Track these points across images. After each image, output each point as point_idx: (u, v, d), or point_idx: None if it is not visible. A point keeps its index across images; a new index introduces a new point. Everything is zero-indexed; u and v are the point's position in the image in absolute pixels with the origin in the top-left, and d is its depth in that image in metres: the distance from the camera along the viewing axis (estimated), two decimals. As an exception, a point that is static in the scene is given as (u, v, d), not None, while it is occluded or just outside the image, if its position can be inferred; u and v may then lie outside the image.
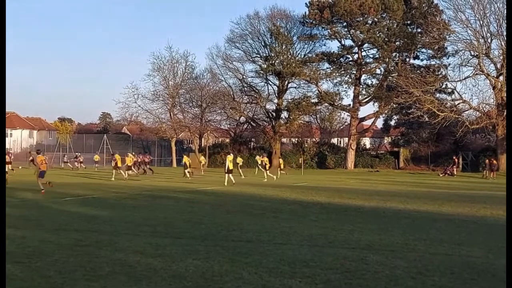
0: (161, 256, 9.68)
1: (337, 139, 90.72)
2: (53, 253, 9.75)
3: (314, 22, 67.52)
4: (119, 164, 41.61)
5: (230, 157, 35.50)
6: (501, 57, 56.91)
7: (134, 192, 26.22)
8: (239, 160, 51.96)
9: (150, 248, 10.42)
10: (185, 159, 46.14)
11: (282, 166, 47.85)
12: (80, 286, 7.42)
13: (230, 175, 33.73)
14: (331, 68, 70.58)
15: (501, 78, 57.79)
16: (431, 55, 66.17)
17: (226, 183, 32.65)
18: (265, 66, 71.68)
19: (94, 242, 11.06)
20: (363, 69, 69.22)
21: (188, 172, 43.63)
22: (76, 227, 13.41)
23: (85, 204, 20.03)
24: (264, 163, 44.36)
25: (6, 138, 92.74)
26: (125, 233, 12.53)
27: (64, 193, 24.93)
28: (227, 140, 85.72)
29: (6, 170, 38.28)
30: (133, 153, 49.89)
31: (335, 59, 69.73)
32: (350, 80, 69.63)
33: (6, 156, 44.96)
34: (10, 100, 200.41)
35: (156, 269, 8.56)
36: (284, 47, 71.04)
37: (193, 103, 79.20)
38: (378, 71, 69.89)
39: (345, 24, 67.22)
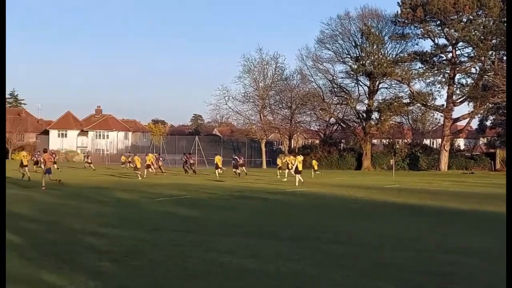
0: (253, 256, 9.74)
1: (430, 140, 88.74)
2: (148, 253, 9.97)
3: (406, 21, 66.30)
4: (138, 165, 43.10)
5: (299, 158, 35.74)
6: None
7: (225, 193, 26.50)
8: (314, 163, 52.33)
9: (242, 249, 10.51)
10: (217, 159, 46.62)
11: (315, 167, 46.74)
12: (175, 285, 7.56)
13: (299, 175, 33.90)
14: (424, 68, 69.07)
15: None
16: (529, 53, 63.75)
17: (296, 184, 32.84)
18: (356, 66, 71.05)
19: (187, 242, 11.25)
20: (458, 68, 67.35)
21: (219, 172, 44.17)
22: (170, 227, 13.68)
23: (178, 204, 20.40)
24: (287, 163, 43.58)
25: (103, 140, 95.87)
26: (217, 233, 12.68)
27: (158, 193, 25.48)
28: (317, 141, 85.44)
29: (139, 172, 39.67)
30: (155, 154, 51.52)
31: (428, 59, 68.18)
32: (443, 79, 67.94)
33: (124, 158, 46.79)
34: (106, 102, 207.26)
35: (248, 270, 8.62)
36: (375, 47, 70.21)
37: (283, 104, 79.48)
38: (473, 70, 67.84)
39: (438, 22, 65.62)
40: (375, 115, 73.17)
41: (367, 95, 73.41)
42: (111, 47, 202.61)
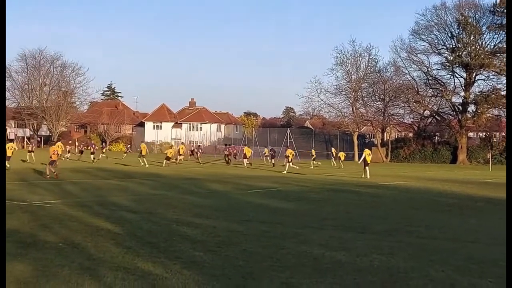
0: (345, 250, 9.73)
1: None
2: (241, 243, 10.12)
3: (505, 10, 64.08)
4: (144, 153, 44.75)
5: (367, 151, 35.99)
6: None
7: (316, 186, 26.50)
8: (342, 154, 54.80)
9: (334, 242, 10.51)
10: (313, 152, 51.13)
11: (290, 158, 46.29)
12: (268, 276, 7.65)
13: (367, 167, 33.56)
14: (524, 58, 66.71)
15: None
16: None
17: (368, 176, 32.63)
18: (452, 58, 69.41)
19: (279, 233, 11.35)
20: (560, 59, 64.69)
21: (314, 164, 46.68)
22: (262, 219, 13.83)
23: (270, 196, 20.57)
24: (287, 155, 43.56)
25: (196, 132, 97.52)
26: (309, 226, 12.72)
27: (250, 185, 25.75)
28: (410, 134, 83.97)
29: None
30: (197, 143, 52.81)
31: (529, 48, 65.77)
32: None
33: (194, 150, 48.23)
34: (200, 95, 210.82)
35: (341, 263, 8.63)
36: (472, 37, 68.37)
37: (376, 96, 78.54)
38: None
39: (540, 10, 63.24)
40: (471, 107, 71.37)
41: (463, 87, 71.61)
42: (204, 40, 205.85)
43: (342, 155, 54.62)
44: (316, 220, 13.74)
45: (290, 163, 40.73)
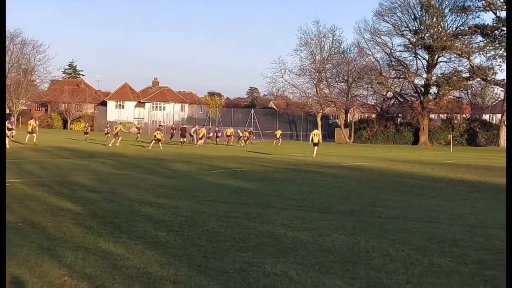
0: (308, 230, 9.78)
1: (489, 115, 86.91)
2: (204, 223, 10.10)
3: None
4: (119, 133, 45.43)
5: (314, 132, 37.86)
6: None
7: (280, 166, 26.57)
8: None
9: (297, 222, 10.55)
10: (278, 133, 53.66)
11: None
12: (230, 256, 7.64)
13: (316, 147, 35.43)
14: (485, 41, 67.55)
15: None
16: None
17: (314, 155, 34.14)
18: (415, 40, 70.01)
19: (242, 214, 11.35)
20: (520, 42, 65.63)
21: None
22: (225, 199, 13.81)
23: (233, 176, 20.55)
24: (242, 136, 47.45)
25: (159, 112, 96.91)
26: (272, 206, 12.75)
27: (213, 165, 25.71)
28: (373, 115, 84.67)
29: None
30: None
31: (489, 32, 66.57)
32: (505, 53, 66.28)
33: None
34: (163, 74, 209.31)
35: (303, 243, 8.66)
36: (434, 20, 68.98)
37: (340, 78, 78.98)
38: (536, 44, 65.99)
39: (501, -6, 63.97)
40: (433, 89, 72.19)
41: (425, 69, 72.37)
42: (168, 19, 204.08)
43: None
44: (279, 200, 13.77)
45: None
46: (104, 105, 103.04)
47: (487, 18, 77.19)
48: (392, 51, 73.90)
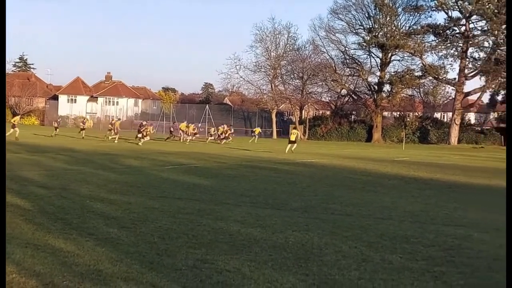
0: (261, 226, 9.77)
1: (441, 114, 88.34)
2: (157, 220, 10.00)
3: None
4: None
5: (294, 130, 40.40)
6: None
7: (235, 162, 26.53)
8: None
9: (251, 218, 10.53)
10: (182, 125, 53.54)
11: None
12: (183, 253, 7.58)
13: (290, 145, 37.03)
14: (437, 41, 68.69)
15: None
16: (544, 27, 62.97)
17: (286, 151, 35.89)
18: (368, 38, 70.75)
19: (196, 210, 11.28)
20: (470, 42, 66.88)
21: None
22: (178, 195, 13.72)
23: (187, 172, 20.44)
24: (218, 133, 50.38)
25: (112, 107, 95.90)
26: (226, 202, 12.71)
27: (167, 161, 25.56)
28: (328, 112, 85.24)
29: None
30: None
31: (441, 31, 67.72)
32: (456, 53, 67.53)
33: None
34: (116, 69, 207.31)
35: (256, 239, 8.65)
36: (388, 18, 69.81)
37: (295, 74, 79.25)
38: (486, 44, 67.36)
39: (452, -6, 65.08)
40: (386, 87, 73.07)
41: (379, 67, 73.18)
42: (121, 14, 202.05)
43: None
44: (233, 197, 13.73)
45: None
46: (55, 99, 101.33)
47: (439, 18, 78.98)
48: (347, 49, 74.62)
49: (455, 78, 68.92)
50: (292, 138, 37.39)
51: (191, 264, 7.07)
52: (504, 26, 63.71)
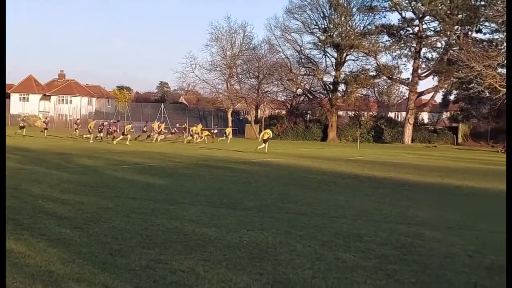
0: (216, 226, 9.75)
1: (395, 113, 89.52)
2: (111, 220, 9.90)
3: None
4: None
5: (267, 131, 40.91)
6: None
7: (190, 161, 26.43)
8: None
9: (206, 218, 10.50)
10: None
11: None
12: (137, 253, 7.52)
13: (264, 144, 37.63)
14: (391, 41, 69.55)
15: None
16: (494, 29, 64.16)
17: (258, 148, 37.00)
18: (324, 38, 71.17)
19: (150, 210, 11.20)
20: (424, 43, 67.90)
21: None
22: (133, 195, 13.60)
23: (142, 172, 20.29)
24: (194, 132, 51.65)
25: (66, 105, 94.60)
26: (181, 202, 12.65)
27: (122, 160, 25.33)
28: (283, 112, 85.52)
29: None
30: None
31: (395, 32, 68.60)
32: (409, 53, 68.50)
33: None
34: (70, 67, 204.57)
35: (211, 239, 8.63)
36: (343, 18, 70.35)
37: (250, 74, 79.28)
38: (439, 44, 68.49)
39: (406, -5, 65.96)
40: (341, 87, 73.63)
41: (334, 67, 73.69)
42: (74, 10, 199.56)
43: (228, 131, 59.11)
44: (188, 196, 13.68)
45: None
46: (7, 97, 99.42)
47: (393, 18, 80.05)
48: (302, 48, 74.92)
49: (408, 78, 69.86)
50: (265, 137, 38.03)
51: (144, 264, 7.02)
52: (456, 27, 64.97)
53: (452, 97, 77.52)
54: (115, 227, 9.30)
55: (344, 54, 72.32)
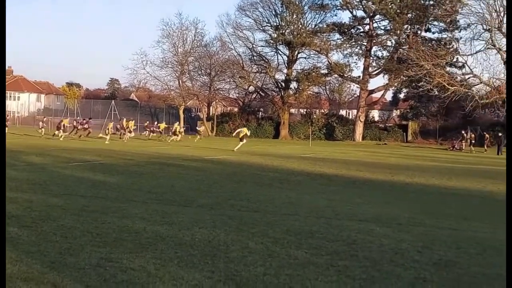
0: (168, 223, 9.68)
1: (346, 111, 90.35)
2: (60, 218, 9.75)
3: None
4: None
5: (244, 129, 40.11)
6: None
7: (142, 159, 26.23)
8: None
9: (157, 216, 10.43)
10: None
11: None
12: (86, 252, 7.42)
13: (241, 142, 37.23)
14: (342, 39, 70.06)
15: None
16: (443, 28, 65.32)
17: (235, 148, 36.14)
18: (275, 35, 71.29)
19: (101, 208, 11.07)
20: (374, 41, 68.62)
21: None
22: (83, 193, 13.42)
23: (93, 170, 20.03)
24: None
25: (13, 102, 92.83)
26: (132, 200, 12.54)
27: (71, 158, 24.97)
28: (236, 109, 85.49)
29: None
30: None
31: (346, 30, 69.14)
32: (360, 51, 69.16)
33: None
34: (18, 63, 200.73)
35: (162, 237, 8.56)
36: (295, 16, 70.58)
37: (202, 71, 78.92)
38: (389, 43, 69.29)
39: (357, -6, 66.60)
40: (293, 84, 73.86)
41: (286, 65, 73.91)
42: (21, 5, 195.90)
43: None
44: (139, 194, 13.57)
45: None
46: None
47: (344, 16, 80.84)
48: (254, 46, 74.91)
49: (359, 76, 70.50)
50: (241, 135, 38.35)
51: (94, 263, 6.92)
52: (406, 26, 65.87)
53: (402, 95, 78.66)
54: (64, 225, 9.16)
55: (296, 52, 72.60)
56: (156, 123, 62.84)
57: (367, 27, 68.73)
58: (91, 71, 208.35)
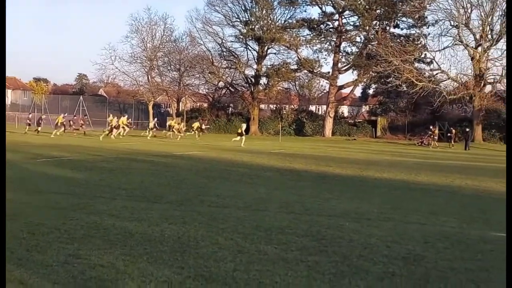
0: (137, 220, 9.63)
1: (316, 107, 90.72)
2: (27, 215, 9.64)
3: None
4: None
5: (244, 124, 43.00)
6: (480, 28, 57.35)
7: (111, 155, 26.02)
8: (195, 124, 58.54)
9: (126, 212, 10.36)
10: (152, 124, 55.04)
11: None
12: (54, 249, 7.35)
13: (240, 137, 40.25)
14: (311, 35, 70.17)
15: (479, 49, 58.22)
16: (411, 24, 65.87)
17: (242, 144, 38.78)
18: (245, 31, 71.19)
19: (69, 204, 10.97)
20: (343, 37, 68.92)
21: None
22: (51, 189, 13.30)
23: (61, 166, 19.83)
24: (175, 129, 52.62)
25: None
26: (100, 196, 12.43)
27: (39, 154, 24.70)
28: (205, 105, 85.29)
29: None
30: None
31: (316, 26, 69.30)
32: (330, 47, 69.37)
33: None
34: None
35: (131, 233, 8.51)
36: (264, 12, 70.52)
37: (171, 66, 78.58)
38: (358, 39, 69.69)
39: (326, -11, 66.80)
40: (263, 80, 73.83)
41: (255, 60, 73.84)
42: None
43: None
44: (108, 190, 13.46)
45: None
46: None
47: (314, 12, 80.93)
48: (224, 41, 74.70)
49: (329, 72, 70.78)
50: (240, 131, 40.39)
51: (62, 259, 6.86)
52: (374, 22, 66.26)
53: (371, 91, 79.21)
54: (31, 222, 9.06)
55: (266, 48, 72.58)
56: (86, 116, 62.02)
57: (336, 23, 68.98)
58: (59, 66, 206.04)
